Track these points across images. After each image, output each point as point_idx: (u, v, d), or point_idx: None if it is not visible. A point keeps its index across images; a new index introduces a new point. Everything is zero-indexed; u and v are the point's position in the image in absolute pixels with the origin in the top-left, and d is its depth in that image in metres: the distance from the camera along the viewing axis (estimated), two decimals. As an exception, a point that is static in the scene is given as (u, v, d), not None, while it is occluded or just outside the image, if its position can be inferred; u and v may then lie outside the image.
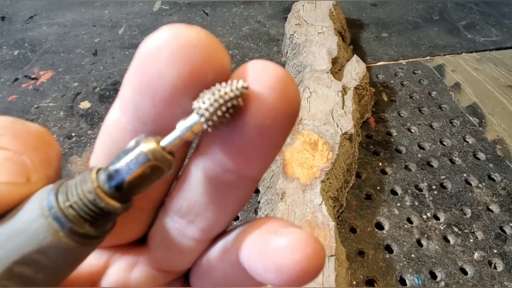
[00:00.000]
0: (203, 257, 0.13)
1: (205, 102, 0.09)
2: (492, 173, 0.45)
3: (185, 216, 0.12)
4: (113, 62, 0.64)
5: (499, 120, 0.51)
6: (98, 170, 0.10)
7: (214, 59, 0.09)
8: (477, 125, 0.51)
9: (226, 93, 0.09)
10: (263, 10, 0.78)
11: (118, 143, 0.11)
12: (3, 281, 0.09)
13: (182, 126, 0.09)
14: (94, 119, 0.53)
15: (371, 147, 0.48)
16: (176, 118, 0.10)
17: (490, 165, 0.46)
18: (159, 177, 0.10)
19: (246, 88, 0.09)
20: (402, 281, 0.36)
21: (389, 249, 0.38)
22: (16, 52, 0.67)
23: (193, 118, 0.09)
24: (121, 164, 0.09)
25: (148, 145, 0.09)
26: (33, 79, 0.61)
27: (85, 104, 0.56)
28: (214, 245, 0.13)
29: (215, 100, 0.09)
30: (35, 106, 0.55)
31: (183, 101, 0.09)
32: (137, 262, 0.13)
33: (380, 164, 0.46)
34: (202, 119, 0.09)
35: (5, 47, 0.68)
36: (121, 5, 0.81)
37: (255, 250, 0.10)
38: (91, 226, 0.09)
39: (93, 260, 0.13)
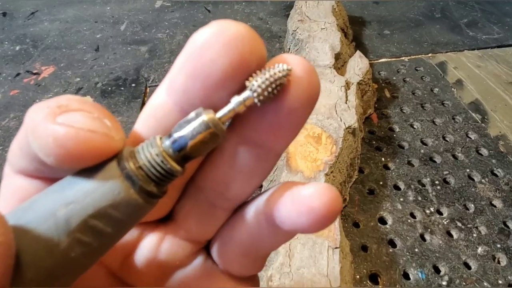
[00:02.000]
0: (226, 225, 0.14)
1: (258, 80, 0.11)
2: (495, 169, 0.45)
3: (216, 188, 0.13)
4: (115, 58, 0.64)
5: (502, 117, 0.51)
6: (161, 138, 0.11)
7: (257, 49, 0.11)
8: (480, 121, 0.51)
9: (275, 73, 0.11)
10: (265, 7, 0.78)
11: (163, 122, 0.12)
12: (77, 233, 0.10)
13: (236, 100, 0.11)
14: (96, 114, 0.53)
15: (374, 142, 0.48)
16: (221, 100, 0.11)
17: (493, 160, 0.46)
18: (215, 143, 0.11)
19: (290, 70, 0.11)
20: (406, 276, 0.36)
21: (392, 243, 0.38)
22: (17, 48, 0.67)
23: (245, 94, 0.11)
24: (184, 131, 0.11)
25: (208, 115, 0.11)
26: (34, 74, 0.61)
27: (87, 99, 0.55)
28: (238, 212, 0.14)
29: (266, 79, 0.11)
30: (37, 100, 0.55)
31: (230, 85, 0.11)
32: (165, 236, 0.15)
33: (383, 159, 0.46)
34: (255, 94, 0.11)
35: (6, 42, 0.68)
36: (122, 1, 0.81)
37: (288, 201, 0.12)
38: (155, 185, 0.11)
39: (127, 235, 0.14)
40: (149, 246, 0.15)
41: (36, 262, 0.10)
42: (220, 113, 0.11)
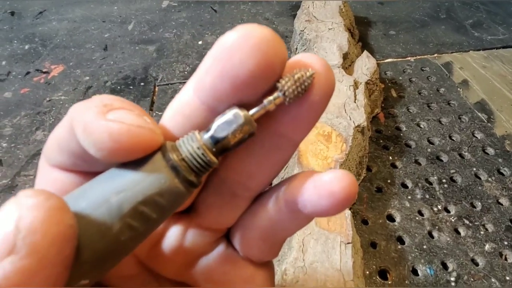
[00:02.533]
0: (246, 213, 0.15)
1: (287, 83, 0.12)
2: (501, 168, 0.46)
3: (239, 178, 0.14)
4: (123, 57, 0.65)
5: (508, 116, 0.52)
6: (199, 132, 0.12)
7: (281, 52, 0.12)
8: (486, 121, 0.52)
9: (302, 76, 0.12)
10: (271, 7, 0.79)
11: (190, 118, 0.13)
12: (127, 219, 0.11)
13: (267, 100, 0.12)
14: (106, 112, 0.54)
15: (381, 141, 0.49)
16: (246, 98, 0.12)
17: (499, 159, 0.46)
18: (249, 138, 0.12)
19: (314, 73, 0.12)
20: (414, 271, 0.36)
21: (401, 240, 0.39)
22: (27, 47, 0.68)
23: (275, 94, 0.12)
24: (222, 126, 0.12)
25: (243, 112, 0.12)
26: (44, 73, 0.61)
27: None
28: (258, 200, 0.15)
29: (295, 81, 0.12)
30: (47, 99, 0.56)
31: (257, 84, 0.12)
32: (189, 226, 0.16)
33: (390, 158, 0.47)
34: (286, 94, 0.12)
35: (15, 41, 0.69)
36: (129, 1, 0.82)
37: (310, 186, 0.13)
38: (195, 176, 0.12)
39: None
40: (175, 235, 0.16)
41: (91, 244, 0.11)
42: (253, 111, 0.12)
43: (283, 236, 0.16)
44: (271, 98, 0.12)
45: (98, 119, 0.11)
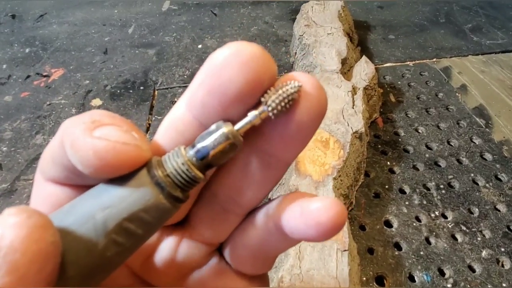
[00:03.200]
0: (237, 229, 0.15)
1: (272, 96, 0.12)
2: (499, 173, 0.46)
3: (229, 194, 0.14)
4: (123, 61, 0.65)
5: (506, 122, 0.52)
6: (185, 148, 0.12)
7: (269, 69, 0.12)
8: (484, 126, 0.52)
9: (287, 89, 0.12)
10: (271, 11, 0.79)
11: (183, 133, 0.13)
12: (113, 235, 0.11)
13: (252, 114, 0.12)
14: (106, 117, 0.54)
15: (379, 146, 0.49)
16: (236, 114, 0.12)
17: (497, 165, 0.47)
18: (234, 153, 0.12)
19: (300, 86, 0.12)
20: (411, 278, 0.36)
21: (398, 246, 0.39)
22: (27, 50, 0.68)
23: (261, 109, 0.12)
24: (207, 142, 0.12)
25: (227, 128, 0.12)
26: (44, 76, 0.61)
27: (96, 102, 0.56)
28: (249, 218, 0.15)
29: (280, 95, 0.12)
30: (48, 103, 0.56)
31: (245, 100, 0.12)
32: (182, 238, 0.16)
33: (388, 163, 0.47)
34: (269, 108, 0.12)
35: (16, 44, 0.69)
36: (130, 4, 0.82)
37: (297, 213, 0.13)
38: (180, 191, 0.12)
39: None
40: (168, 248, 0.16)
41: (77, 260, 0.11)
42: (238, 125, 0.12)
43: (274, 253, 0.16)
44: (256, 112, 0.12)
45: (84, 136, 0.11)
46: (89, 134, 0.11)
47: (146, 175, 0.12)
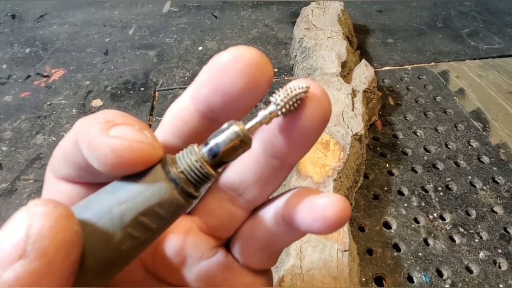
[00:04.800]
0: (245, 224, 0.16)
1: (280, 96, 0.13)
2: (496, 176, 0.46)
3: (237, 190, 0.16)
4: (124, 62, 0.65)
5: (502, 125, 0.53)
6: (198, 146, 0.13)
7: (267, 73, 0.13)
8: (481, 130, 0.52)
9: (295, 89, 0.13)
10: (271, 14, 0.80)
11: (187, 122, 0.14)
12: (129, 228, 0.12)
13: (262, 114, 0.13)
14: (106, 117, 0.54)
15: (378, 149, 0.49)
16: (237, 110, 0.14)
17: (494, 168, 0.47)
18: (244, 150, 0.13)
19: (308, 87, 0.13)
20: (410, 279, 0.37)
21: (396, 247, 0.39)
22: (27, 50, 0.68)
23: (270, 108, 0.13)
24: (219, 139, 0.13)
25: (238, 126, 0.13)
26: (45, 76, 0.62)
27: (97, 102, 0.57)
28: (257, 212, 0.16)
29: (288, 94, 0.13)
30: (48, 103, 0.56)
31: (245, 100, 0.13)
32: (190, 230, 0.16)
33: (387, 165, 0.47)
34: (278, 107, 0.13)
35: (16, 44, 0.69)
36: (130, 6, 0.82)
37: (305, 208, 0.14)
38: (193, 187, 0.13)
39: None
40: (177, 238, 0.17)
41: (94, 252, 0.11)
42: (249, 125, 0.13)
43: (281, 246, 0.17)
44: (266, 112, 0.13)
45: (101, 136, 0.12)
46: (106, 134, 0.12)
47: (161, 171, 0.12)
